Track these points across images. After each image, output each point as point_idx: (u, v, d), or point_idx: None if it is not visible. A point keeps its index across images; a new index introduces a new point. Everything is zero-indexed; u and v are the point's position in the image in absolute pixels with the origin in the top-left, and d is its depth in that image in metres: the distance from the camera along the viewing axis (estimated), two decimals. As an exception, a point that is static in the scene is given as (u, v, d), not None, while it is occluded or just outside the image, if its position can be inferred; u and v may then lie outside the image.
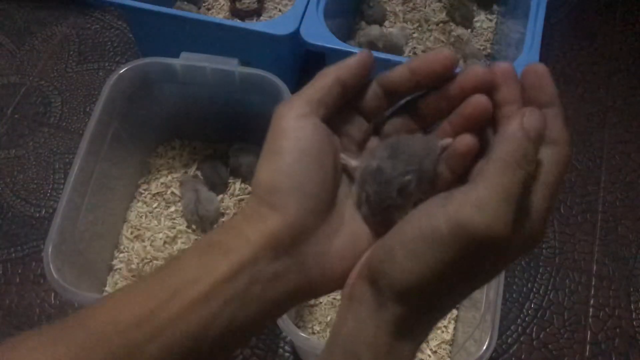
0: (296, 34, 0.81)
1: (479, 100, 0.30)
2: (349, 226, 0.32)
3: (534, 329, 0.81)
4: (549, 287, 0.85)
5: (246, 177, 0.89)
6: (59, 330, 0.28)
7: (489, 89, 0.30)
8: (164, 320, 0.27)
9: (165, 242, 0.84)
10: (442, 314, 0.30)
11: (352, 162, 0.33)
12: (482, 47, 1.04)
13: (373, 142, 0.34)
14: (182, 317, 0.28)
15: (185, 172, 0.91)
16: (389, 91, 0.32)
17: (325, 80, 0.31)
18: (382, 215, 0.31)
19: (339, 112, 0.32)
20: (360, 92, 0.33)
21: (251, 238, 0.29)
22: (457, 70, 0.31)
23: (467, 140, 0.30)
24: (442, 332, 0.78)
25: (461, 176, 0.31)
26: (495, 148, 0.27)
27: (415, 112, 0.33)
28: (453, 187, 0.29)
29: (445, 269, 0.27)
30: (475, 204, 0.26)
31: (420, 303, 0.28)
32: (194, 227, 0.85)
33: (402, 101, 0.33)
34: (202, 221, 0.84)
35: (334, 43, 0.80)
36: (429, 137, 0.32)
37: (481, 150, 0.31)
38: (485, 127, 0.31)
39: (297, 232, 0.29)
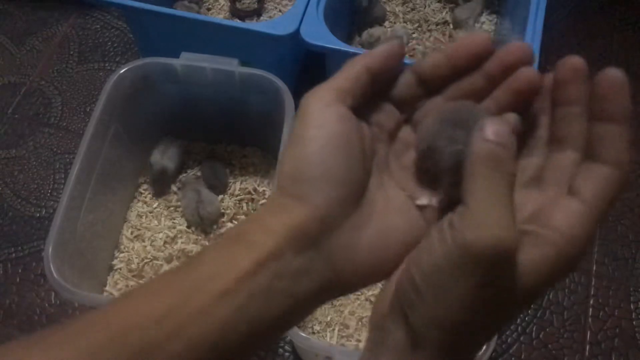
0: (296, 34, 0.81)
1: (528, 74, 0.29)
2: (380, 218, 0.30)
3: (534, 329, 0.82)
4: (549, 287, 0.85)
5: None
6: (78, 327, 0.27)
7: (530, 63, 0.29)
8: (185, 317, 0.26)
9: (165, 242, 0.84)
10: (473, 354, 0.29)
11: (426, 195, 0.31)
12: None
13: (405, 131, 0.33)
14: (205, 313, 0.27)
15: (186, 172, 0.91)
16: (424, 79, 0.31)
17: (354, 69, 0.30)
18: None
19: (369, 101, 0.31)
20: (392, 80, 0.32)
21: (275, 231, 0.28)
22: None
23: (512, 119, 0.30)
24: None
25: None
26: (467, 163, 0.26)
27: (448, 94, 0.32)
28: None
29: (469, 296, 0.26)
30: (474, 222, 0.25)
31: (453, 340, 0.27)
32: (193, 227, 0.86)
33: None
34: (203, 222, 0.84)
35: (334, 43, 0.80)
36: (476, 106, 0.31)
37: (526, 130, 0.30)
38: (531, 103, 0.30)
39: (324, 224, 0.28)
